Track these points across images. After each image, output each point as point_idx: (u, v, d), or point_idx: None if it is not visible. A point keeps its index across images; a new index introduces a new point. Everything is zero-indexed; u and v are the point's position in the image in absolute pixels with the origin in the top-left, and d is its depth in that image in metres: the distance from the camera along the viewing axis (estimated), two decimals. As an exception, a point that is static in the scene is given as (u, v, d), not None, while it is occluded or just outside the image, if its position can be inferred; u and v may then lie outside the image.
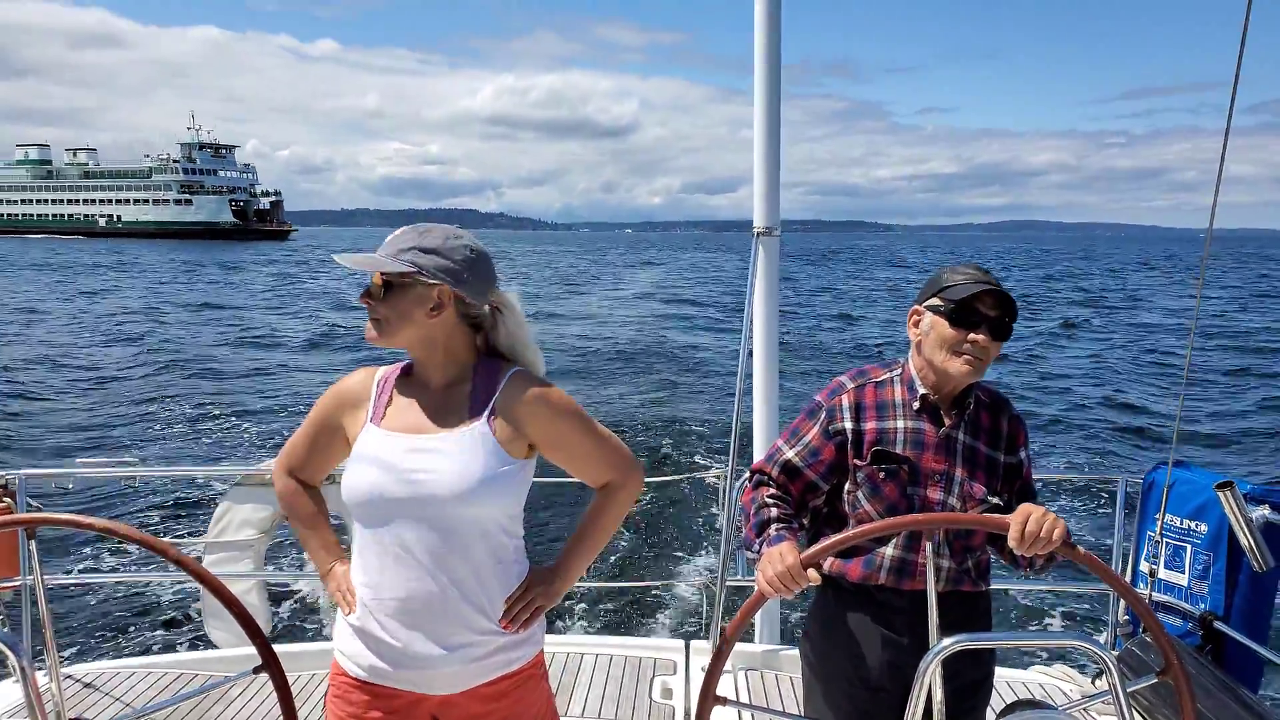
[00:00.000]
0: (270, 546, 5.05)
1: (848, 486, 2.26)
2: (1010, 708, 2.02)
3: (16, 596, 3.82)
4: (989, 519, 2.01)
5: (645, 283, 57.75)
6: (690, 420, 15.82)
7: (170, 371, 22.09)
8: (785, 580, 2.01)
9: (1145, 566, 3.63)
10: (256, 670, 2.04)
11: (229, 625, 4.38)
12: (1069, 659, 4.19)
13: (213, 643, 4.64)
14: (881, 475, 2.21)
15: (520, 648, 1.99)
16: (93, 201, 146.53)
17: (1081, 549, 1.94)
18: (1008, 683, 3.73)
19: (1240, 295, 48.94)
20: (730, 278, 63.72)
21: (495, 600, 1.95)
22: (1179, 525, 3.55)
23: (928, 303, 2.25)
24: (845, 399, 2.27)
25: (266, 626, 4.86)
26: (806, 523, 2.36)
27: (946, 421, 2.23)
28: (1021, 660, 4.32)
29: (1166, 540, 3.57)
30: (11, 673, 3.70)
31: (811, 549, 2.03)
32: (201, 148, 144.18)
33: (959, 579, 2.23)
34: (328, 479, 4.74)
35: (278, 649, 2.08)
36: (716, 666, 2.02)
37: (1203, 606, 3.45)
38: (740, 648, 3.96)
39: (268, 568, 5.42)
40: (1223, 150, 2.62)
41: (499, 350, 2.03)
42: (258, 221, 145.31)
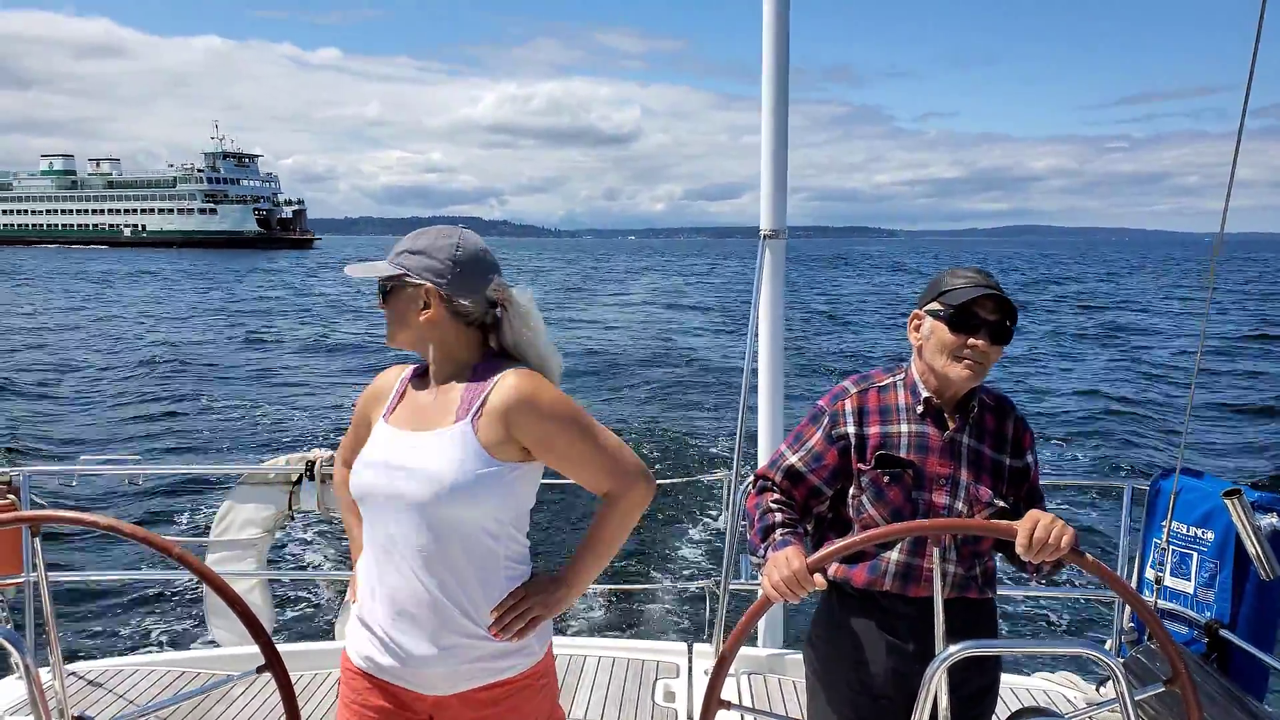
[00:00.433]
0: (273, 545, 5.06)
1: (852, 491, 2.25)
2: (1016, 715, 2.01)
3: (20, 594, 3.83)
4: (997, 525, 2.00)
5: (649, 288, 57.76)
6: (695, 423, 15.82)
7: (176, 372, 22.15)
8: (791, 585, 2.00)
9: (1151, 574, 3.61)
10: (260, 669, 2.04)
11: (232, 624, 4.38)
12: (1072, 666, 4.18)
13: (215, 641, 4.65)
14: (886, 480, 2.20)
15: (513, 656, 1.93)
16: (117, 211, 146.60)
17: (1090, 556, 1.93)
18: (1011, 689, 3.72)
19: (1250, 297, 48.72)
20: (729, 283, 63.67)
21: (480, 605, 1.90)
22: (1185, 532, 3.53)
23: (927, 307, 2.24)
24: (848, 404, 2.27)
25: (270, 625, 4.86)
26: (810, 528, 2.36)
27: (950, 425, 2.22)
28: (1026, 667, 4.30)
29: (1173, 547, 3.55)
30: (15, 670, 3.71)
31: (817, 554, 2.02)
32: (225, 157, 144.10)
33: (965, 585, 2.22)
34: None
35: (281, 648, 2.08)
36: (721, 670, 2.01)
37: (1208, 614, 3.43)
38: (743, 652, 3.95)
39: (271, 566, 5.43)
40: (1235, 154, 2.60)
41: (506, 350, 1.98)
42: (281, 230, 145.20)
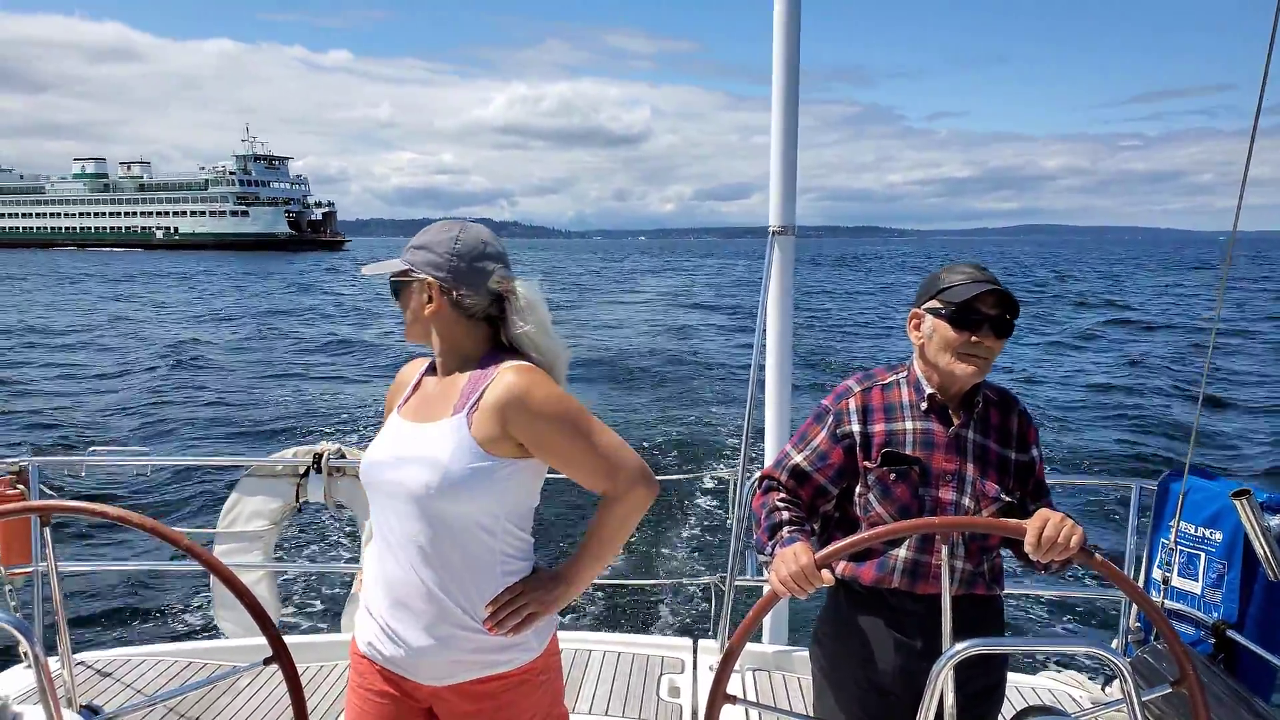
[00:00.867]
0: (280, 537, 5.07)
1: (858, 489, 2.25)
2: (1022, 714, 2.01)
3: (29, 583, 3.85)
4: (1006, 524, 1.99)
5: (657, 288, 57.71)
6: (702, 418, 15.81)
7: (186, 366, 22.23)
8: (799, 580, 2.00)
9: (1159, 574, 3.60)
10: (267, 661, 2.05)
11: (239, 615, 4.40)
12: (1078, 664, 4.17)
13: (223, 632, 4.67)
14: (892, 477, 2.20)
15: (509, 651, 1.93)
16: (150, 214, 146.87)
17: (1098, 556, 1.93)
18: (1017, 688, 3.71)
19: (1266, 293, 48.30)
20: (738, 282, 63.50)
21: (475, 599, 1.90)
22: (1193, 533, 3.51)
23: (927, 305, 2.23)
24: (852, 402, 2.27)
25: (276, 617, 4.88)
26: (816, 527, 2.35)
27: (955, 421, 2.22)
28: (1032, 665, 4.29)
29: (1181, 548, 3.53)
30: (24, 659, 3.74)
31: (826, 549, 2.02)
32: (256, 159, 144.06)
33: (973, 581, 2.22)
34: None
35: (288, 640, 2.08)
36: (728, 664, 2.02)
37: (1216, 615, 3.42)
38: (749, 648, 3.95)
39: (278, 559, 5.44)
40: (1249, 152, 2.59)
41: (512, 343, 1.96)
42: (311, 232, 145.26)
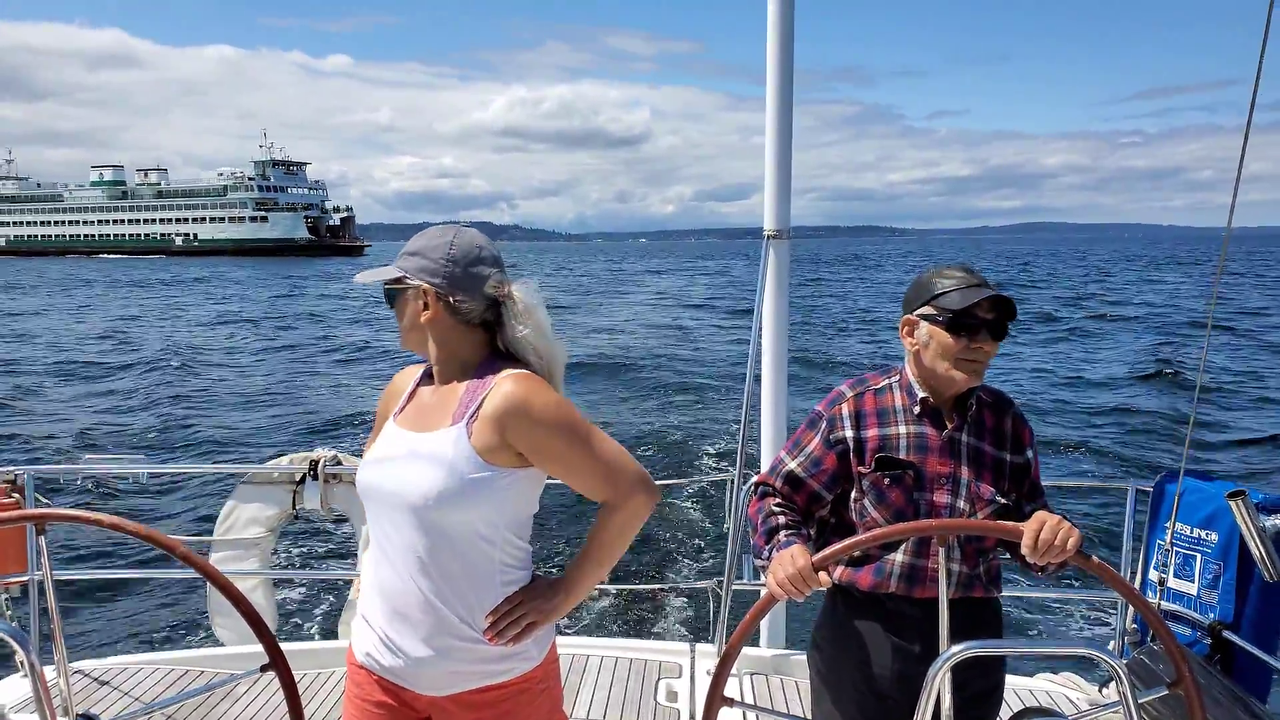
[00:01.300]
0: (276, 545, 5.06)
1: (853, 495, 2.26)
2: (1019, 716, 2.01)
3: (25, 592, 3.84)
4: (1003, 526, 2.00)
5: (657, 290, 57.67)
6: (699, 422, 15.81)
7: (183, 372, 22.20)
8: (796, 582, 2.00)
9: (1155, 575, 3.61)
10: (264, 668, 2.04)
11: (236, 623, 4.39)
12: (1075, 666, 4.17)
13: (219, 640, 4.66)
14: (886, 481, 2.20)
15: (509, 660, 1.91)
16: (169, 220, 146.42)
17: (1095, 558, 1.93)
18: (1014, 690, 3.72)
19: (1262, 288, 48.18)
20: (737, 282, 63.51)
21: (474, 609, 1.88)
22: (1189, 534, 3.52)
23: (920, 311, 2.22)
24: (845, 407, 2.27)
25: (273, 624, 4.87)
26: (813, 532, 2.35)
27: (949, 424, 2.22)
28: (1029, 667, 4.30)
29: (1176, 549, 3.54)
30: (20, 667, 3.73)
31: (823, 552, 2.02)
32: (274, 164, 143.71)
33: (970, 584, 2.22)
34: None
35: (285, 647, 2.08)
36: (725, 667, 2.02)
37: (1212, 616, 3.43)
38: (746, 652, 3.96)
39: (274, 566, 5.43)
40: (1243, 148, 2.59)
41: (510, 348, 1.94)
42: (330, 237, 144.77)
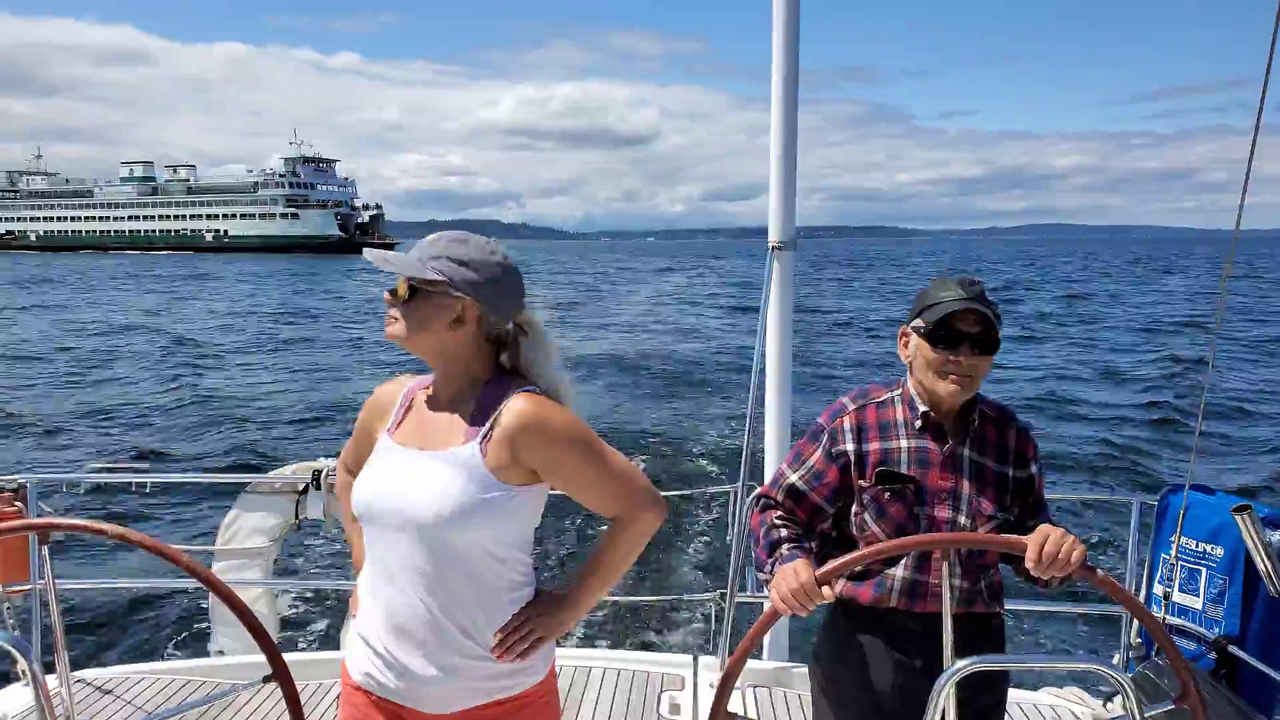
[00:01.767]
0: (279, 555, 5.06)
1: (854, 509, 2.25)
2: None
3: (28, 601, 3.84)
4: (1007, 540, 1.99)
5: (663, 291, 57.48)
6: (702, 432, 15.78)
7: (188, 377, 22.23)
8: (799, 597, 1.99)
9: (1160, 589, 3.60)
10: (266, 679, 2.03)
11: (238, 633, 4.38)
12: (1079, 681, 4.15)
13: (222, 650, 4.65)
14: (887, 496, 2.19)
15: (515, 676, 1.89)
16: (199, 216, 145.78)
17: (1100, 571, 1.92)
18: (1019, 705, 3.70)
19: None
20: (744, 283, 63.18)
21: (482, 627, 1.85)
22: (1194, 548, 3.51)
23: (913, 324, 2.22)
24: (847, 420, 2.26)
25: (276, 635, 4.86)
26: (814, 546, 2.35)
27: (951, 439, 2.21)
28: (1033, 682, 4.28)
29: (1181, 563, 3.53)
30: (22, 677, 3.72)
31: (826, 566, 2.02)
32: (304, 161, 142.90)
33: (972, 599, 2.21)
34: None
35: (287, 658, 2.07)
36: (729, 681, 2.01)
37: (1217, 631, 3.41)
38: (748, 665, 3.93)
39: (277, 576, 5.43)
40: (1251, 151, 2.58)
41: (517, 368, 1.92)
42: (360, 234, 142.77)
